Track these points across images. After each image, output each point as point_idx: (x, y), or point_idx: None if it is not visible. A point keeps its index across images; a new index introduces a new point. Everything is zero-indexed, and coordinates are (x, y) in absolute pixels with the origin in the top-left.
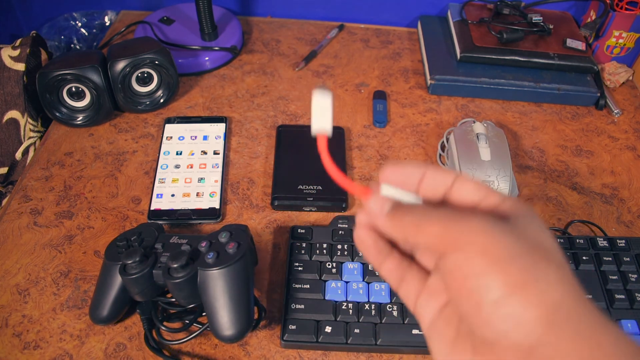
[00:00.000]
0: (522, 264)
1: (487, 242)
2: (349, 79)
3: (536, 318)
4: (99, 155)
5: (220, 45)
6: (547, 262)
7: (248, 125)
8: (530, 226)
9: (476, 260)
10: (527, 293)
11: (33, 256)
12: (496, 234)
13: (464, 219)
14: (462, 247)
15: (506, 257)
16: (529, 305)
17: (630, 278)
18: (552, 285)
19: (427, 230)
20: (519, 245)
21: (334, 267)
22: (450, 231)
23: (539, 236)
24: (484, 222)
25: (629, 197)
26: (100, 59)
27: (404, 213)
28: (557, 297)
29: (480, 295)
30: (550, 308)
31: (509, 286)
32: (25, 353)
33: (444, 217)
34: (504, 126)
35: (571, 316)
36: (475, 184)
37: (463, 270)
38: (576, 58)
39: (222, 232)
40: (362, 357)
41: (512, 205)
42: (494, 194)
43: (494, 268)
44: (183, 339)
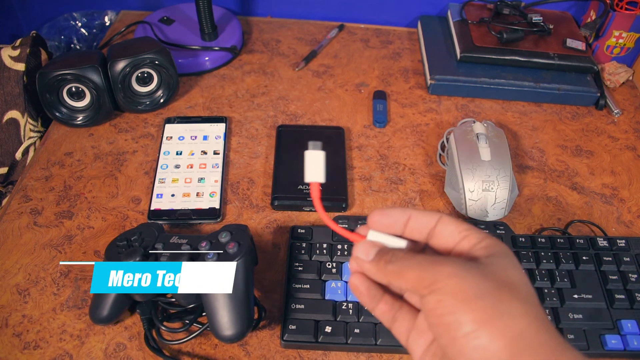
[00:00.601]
0: (487, 302)
1: (457, 284)
2: (349, 79)
3: (501, 349)
4: (99, 155)
5: (220, 45)
6: (511, 298)
7: (248, 125)
8: (501, 265)
9: (448, 301)
10: (492, 327)
11: (33, 256)
12: (465, 277)
13: (437, 265)
14: (436, 289)
15: (473, 297)
16: (494, 337)
17: (630, 278)
18: (515, 318)
19: (406, 276)
20: (485, 284)
21: (334, 267)
22: (425, 276)
23: (507, 274)
24: (454, 267)
25: (629, 197)
26: (100, 59)
27: (386, 261)
28: (519, 329)
29: (454, 330)
30: (513, 339)
31: (477, 322)
32: (25, 353)
33: (420, 264)
34: (504, 126)
35: (532, 345)
36: (455, 225)
37: (438, 310)
38: (576, 58)
39: (222, 232)
40: (362, 357)
41: (489, 245)
42: (473, 234)
43: (463, 307)
44: (183, 339)
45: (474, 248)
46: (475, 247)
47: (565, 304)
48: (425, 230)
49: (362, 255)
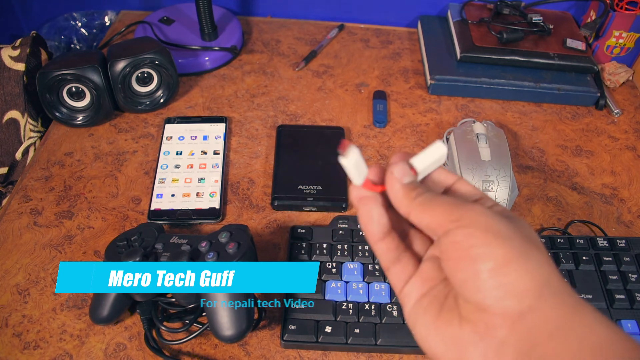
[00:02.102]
0: (517, 243)
1: (488, 222)
2: (349, 79)
3: (528, 288)
4: (99, 155)
5: (220, 45)
6: (536, 249)
7: (248, 125)
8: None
9: (479, 234)
10: (521, 266)
11: (33, 256)
12: (495, 218)
13: (467, 205)
14: (467, 224)
15: (504, 235)
16: (522, 276)
17: (630, 278)
18: (541, 264)
19: (432, 210)
20: (514, 231)
21: (334, 267)
22: (454, 212)
23: (527, 232)
24: (483, 208)
25: (629, 197)
26: (100, 59)
27: (418, 193)
28: (545, 274)
29: (479, 263)
30: (541, 281)
31: (506, 258)
32: (25, 353)
33: (450, 202)
34: (504, 126)
35: (557, 290)
36: (472, 187)
37: (466, 242)
38: (576, 58)
39: (222, 232)
40: (362, 357)
41: (503, 209)
42: (488, 198)
43: (494, 241)
44: (183, 339)
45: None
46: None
47: None
48: (443, 185)
49: (398, 174)
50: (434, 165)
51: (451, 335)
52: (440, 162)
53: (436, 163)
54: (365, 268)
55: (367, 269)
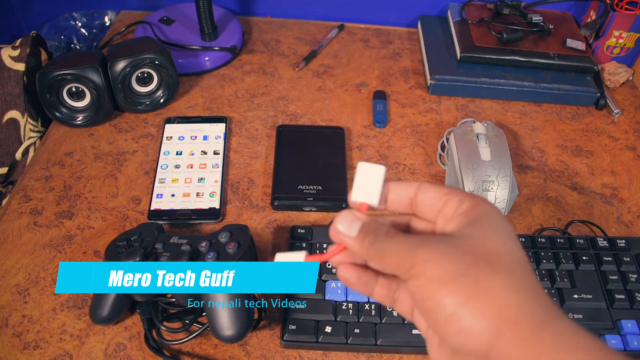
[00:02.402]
0: (465, 282)
1: (433, 267)
2: (349, 79)
3: (483, 329)
4: (99, 155)
5: (220, 45)
6: (489, 272)
7: (248, 125)
8: (481, 233)
9: (426, 286)
10: (472, 307)
11: (33, 256)
12: (440, 259)
13: (415, 249)
14: (415, 275)
15: (449, 279)
16: (475, 318)
17: (630, 278)
18: (494, 294)
19: (387, 260)
20: (462, 263)
21: (334, 267)
22: (404, 262)
23: (486, 244)
24: (429, 249)
25: (629, 197)
26: (100, 59)
27: (369, 242)
28: (499, 305)
29: (435, 314)
30: (494, 317)
31: (456, 304)
32: (25, 353)
33: (399, 248)
34: (504, 126)
35: (515, 320)
36: (435, 191)
37: (419, 295)
38: (576, 58)
39: (222, 232)
40: (362, 357)
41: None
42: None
43: (440, 291)
44: (183, 339)
45: (456, 212)
46: (457, 211)
47: (565, 304)
48: (406, 200)
49: (344, 229)
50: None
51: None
52: (380, 177)
53: (377, 181)
54: None
55: None
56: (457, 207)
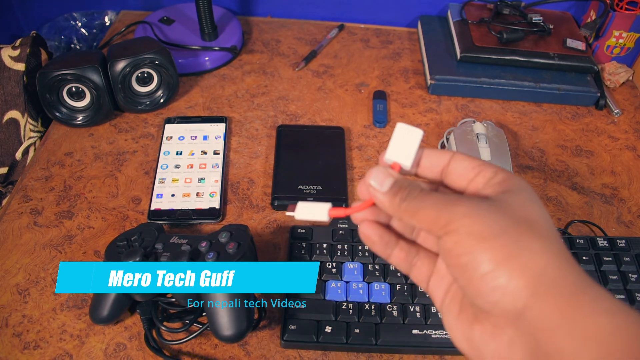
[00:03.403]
0: (505, 240)
1: (473, 223)
2: (349, 79)
3: (521, 287)
4: (99, 155)
5: (220, 45)
6: (530, 235)
7: (248, 125)
8: (519, 200)
9: (464, 241)
10: (510, 266)
11: (33, 256)
12: (481, 215)
13: (452, 204)
14: (452, 230)
15: (490, 236)
16: (513, 276)
17: (630, 278)
18: (534, 255)
19: (420, 216)
20: (503, 222)
21: (334, 267)
22: (441, 216)
23: (525, 210)
24: (469, 206)
25: (629, 197)
26: (100, 59)
27: (401, 198)
28: (539, 267)
29: (471, 271)
30: (533, 277)
31: (494, 261)
32: (25, 353)
33: (435, 204)
34: (504, 126)
35: (553, 282)
36: (469, 161)
37: (455, 251)
38: (576, 58)
39: (222, 232)
40: (362, 357)
41: (504, 179)
42: (487, 169)
43: (480, 246)
44: (183, 339)
45: (489, 183)
46: (491, 181)
47: None
48: (438, 168)
49: (376, 184)
50: (412, 147)
51: (468, 335)
52: (416, 141)
53: (413, 144)
54: (365, 268)
55: (367, 269)
56: (491, 178)
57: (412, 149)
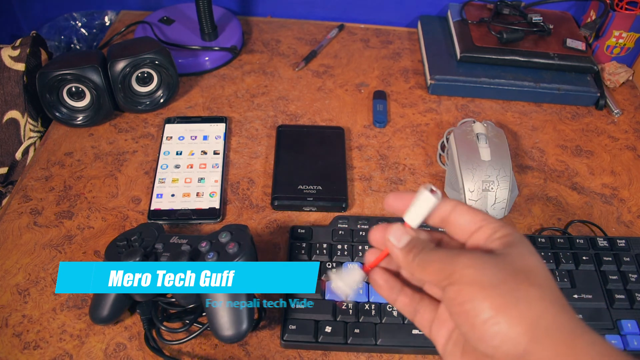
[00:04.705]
0: (504, 289)
1: (474, 273)
2: (349, 79)
3: (520, 333)
4: (99, 155)
5: (220, 45)
6: (527, 284)
7: (248, 125)
8: (518, 253)
9: (466, 290)
10: (510, 313)
11: (33, 256)
12: (482, 267)
13: (456, 257)
14: (455, 280)
15: (489, 285)
16: (513, 323)
17: (630, 278)
18: (532, 303)
19: (429, 269)
20: (501, 273)
21: (333, 267)
22: (446, 268)
23: (524, 261)
24: (471, 258)
25: (629, 197)
26: (100, 59)
27: (415, 254)
28: (536, 314)
29: (473, 317)
30: (532, 324)
31: (494, 308)
32: (25, 353)
33: (441, 258)
34: (504, 126)
35: (550, 328)
36: (471, 215)
37: (458, 299)
38: (576, 58)
39: (222, 232)
40: (362, 357)
41: (505, 235)
42: (489, 225)
43: (480, 294)
44: (183, 339)
45: (490, 238)
46: (492, 237)
47: None
48: (439, 218)
49: (395, 240)
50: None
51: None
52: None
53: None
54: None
55: None
56: (492, 234)
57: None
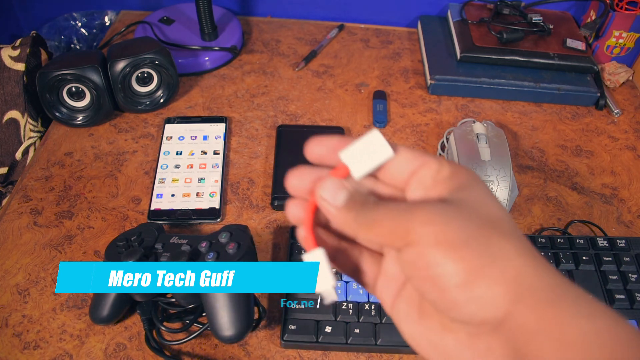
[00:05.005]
0: (477, 246)
1: (436, 231)
2: (349, 79)
3: (500, 295)
4: (99, 155)
5: (220, 45)
6: (498, 237)
7: (248, 125)
8: (476, 199)
9: (432, 252)
10: (487, 274)
11: (33, 256)
12: (443, 222)
13: (410, 212)
14: (413, 241)
15: (460, 243)
16: (491, 285)
17: (630, 278)
18: (509, 260)
19: (376, 230)
20: (468, 227)
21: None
22: (399, 228)
23: (485, 208)
24: (428, 212)
25: (629, 197)
26: (100, 59)
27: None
28: (515, 272)
29: (443, 282)
30: (512, 283)
31: (469, 271)
32: (25, 353)
33: (389, 213)
34: (504, 126)
35: (531, 286)
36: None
37: (420, 263)
38: (576, 58)
39: (222, 233)
40: (362, 357)
41: (452, 174)
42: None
43: (450, 256)
44: (183, 339)
45: (437, 178)
46: (438, 176)
47: None
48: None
49: (329, 197)
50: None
51: (435, 342)
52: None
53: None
54: None
55: None
56: (437, 172)
57: (371, 164)
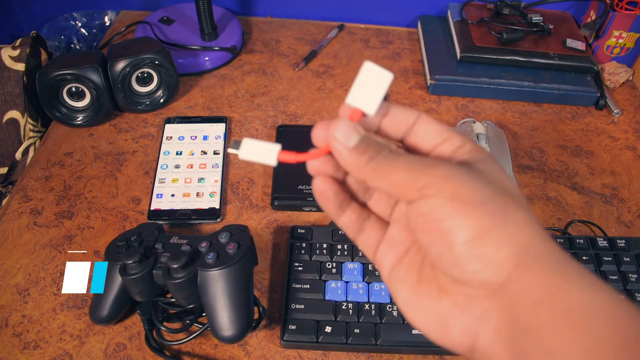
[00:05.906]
0: (492, 208)
1: (456, 187)
2: (349, 79)
3: (506, 258)
4: (99, 155)
5: (220, 45)
6: (515, 206)
7: (248, 125)
8: (493, 170)
9: (447, 206)
10: (497, 235)
11: (33, 256)
12: (464, 180)
13: (430, 167)
14: (432, 194)
15: (476, 202)
16: (499, 246)
17: (630, 278)
18: (520, 227)
19: (391, 177)
20: (487, 190)
21: (334, 267)
22: (416, 179)
23: (502, 180)
24: (450, 169)
25: (629, 197)
26: (100, 59)
27: (370, 156)
28: (525, 239)
29: (452, 237)
30: (519, 249)
31: (480, 229)
32: (25, 353)
33: (409, 165)
34: (504, 126)
35: (538, 255)
36: (437, 126)
37: (434, 215)
38: (576, 58)
39: (222, 233)
40: (362, 357)
41: (473, 150)
42: (456, 137)
43: (465, 212)
44: (183, 339)
45: (458, 152)
46: (459, 150)
47: None
48: (403, 127)
49: (342, 137)
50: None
51: (431, 308)
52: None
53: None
54: (365, 268)
55: (367, 269)
56: (459, 147)
57: (378, 95)
